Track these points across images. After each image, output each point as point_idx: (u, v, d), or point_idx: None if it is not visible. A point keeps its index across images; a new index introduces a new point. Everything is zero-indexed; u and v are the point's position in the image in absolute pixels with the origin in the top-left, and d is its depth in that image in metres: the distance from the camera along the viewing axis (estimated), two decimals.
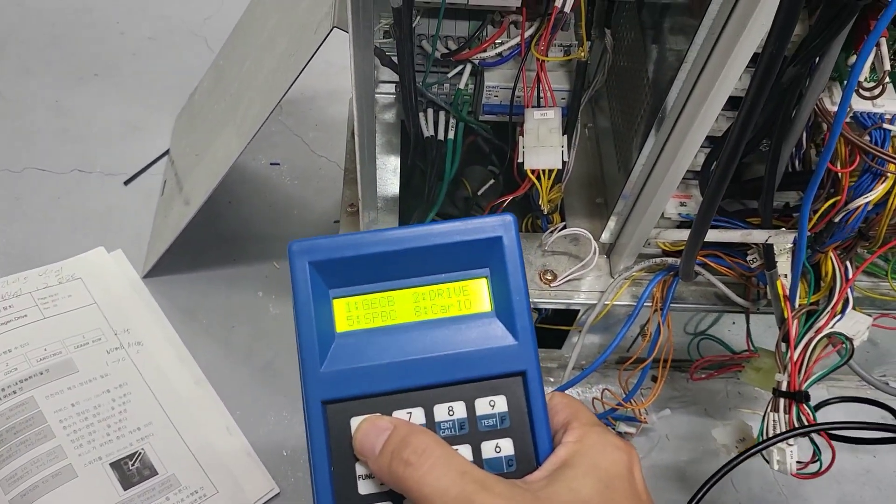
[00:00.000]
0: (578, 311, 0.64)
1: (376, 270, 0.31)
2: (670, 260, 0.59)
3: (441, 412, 0.31)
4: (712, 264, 0.58)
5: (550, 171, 0.59)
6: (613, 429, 0.68)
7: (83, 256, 0.77)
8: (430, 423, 0.31)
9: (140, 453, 0.65)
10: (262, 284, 0.78)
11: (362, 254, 0.31)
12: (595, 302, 0.62)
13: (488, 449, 0.31)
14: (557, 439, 0.31)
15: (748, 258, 0.56)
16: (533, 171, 0.58)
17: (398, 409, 0.31)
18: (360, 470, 0.30)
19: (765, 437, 0.53)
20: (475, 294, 0.32)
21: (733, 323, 0.65)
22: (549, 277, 0.63)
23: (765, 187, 0.49)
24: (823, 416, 0.57)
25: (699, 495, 0.53)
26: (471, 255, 0.32)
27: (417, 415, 0.31)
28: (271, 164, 0.86)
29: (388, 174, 0.67)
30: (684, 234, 0.57)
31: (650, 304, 0.61)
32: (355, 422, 0.30)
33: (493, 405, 0.31)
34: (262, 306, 0.76)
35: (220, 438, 0.68)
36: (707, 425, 0.72)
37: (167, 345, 0.73)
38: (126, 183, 0.84)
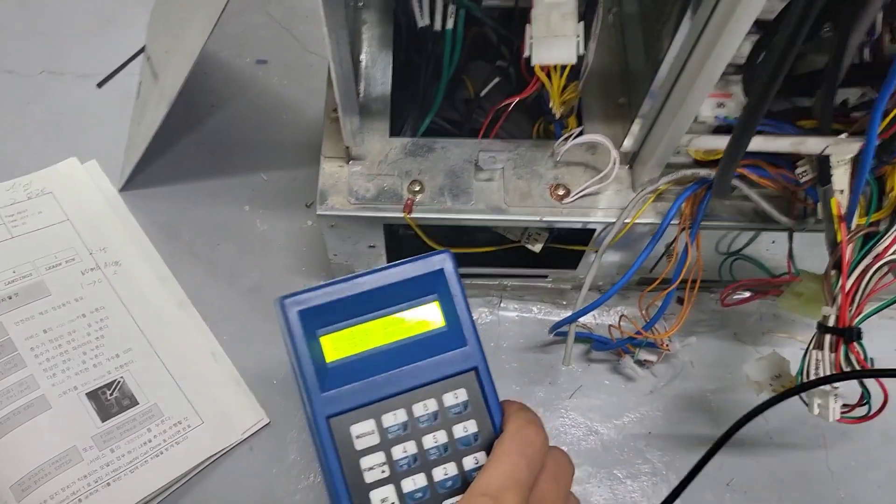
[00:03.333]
0: (594, 230, 0.56)
1: (351, 310, 0.39)
2: (703, 172, 0.50)
3: (419, 409, 0.39)
4: (752, 176, 0.50)
5: (563, 66, 0.50)
6: (632, 357, 0.62)
7: (54, 168, 0.71)
8: (412, 419, 0.39)
9: (119, 382, 0.61)
10: (248, 198, 0.71)
11: (337, 299, 0.39)
12: (614, 220, 0.54)
13: (458, 430, 0.40)
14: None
15: (797, 171, 0.47)
16: (542, 68, 0.49)
17: (385, 412, 0.39)
18: (363, 464, 0.38)
19: (805, 378, 0.46)
20: (429, 315, 0.41)
21: (773, 242, 0.57)
22: (561, 193, 0.55)
23: (825, 83, 0.40)
24: (874, 348, 0.50)
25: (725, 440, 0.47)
26: (422, 286, 0.40)
27: (401, 415, 0.39)
28: (258, 61, 0.78)
29: (377, 73, 0.58)
30: (721, 142, 0.49)
31: (677, 221, 0.54)
32: (355, 428, 0.38)
33: (456, 397, 0.40)
34: (248, 222, 0.70)
35: (205, 365, 0.63)
36: (737, 352, 0.65)
37: (147, 264, 0.67)
38: (100, 85, 0.77)
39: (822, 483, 0.61)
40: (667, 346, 0.60)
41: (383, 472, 0.39)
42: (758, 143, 0.43)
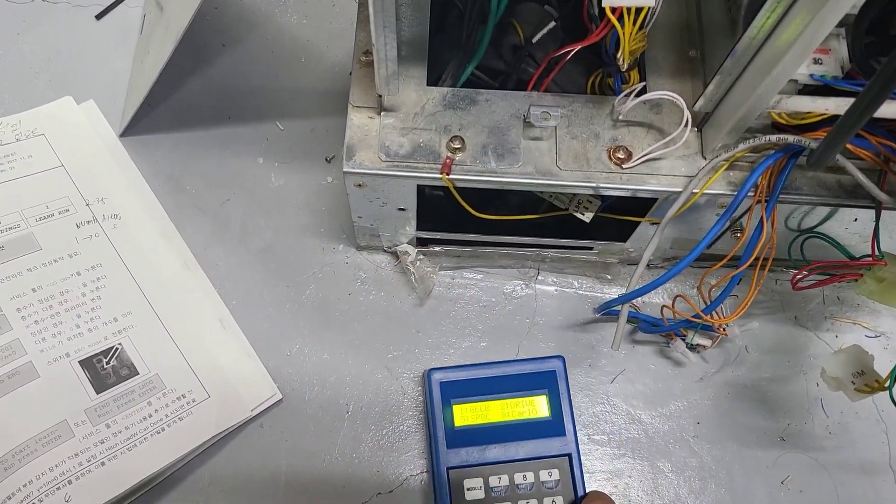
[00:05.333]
0: (655, 199, 0.50)
1: (479, 388, 0.53)
2: (792, 138, 0.44)
3: (519, 478, 0.51)
4: (849, 146, 0.43)
5: (638, 10, 0.43)
6: (684, 340, 0.56)
7: (47, 108, 0.64)
8: (513, 485, 0.51)
9: (117, 349, 0.55)
10: (262, 149, 0.64)
11: (470, 378, 0.53)
12: (679, 189, 0.48)
13: (547, 502, 0.51)
14: None
15: None
16: (614, 10, 0.42)
17: (492, 475, 0.51)
18: None
19: None
20: (539, 406, 0.53)
21: (854, 220, 0.51)
22: (622, 156, 0.48)
23: None
24: None
25: None
26: (537, 381, 0.54)
27: (504, 479, 0.51)
28: None
29: (414, 12, 0.51)
30: (818, 104, 0.42)
31: (752, 193, 0.47)
32: (467, 482, 0.51)
33: (550, 475, 0.52)
34: (262, 175, 0.63)
35: (212, 333, 0.57)
36: (797, 337, 0.60)
37: (149, 219, 0.61)
38: (99, 17, 0.69)
39: (884, 483, 0.56)
40: (724, 330, 0.54)
41: None
42: (882, 109, 0.36)
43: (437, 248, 0.60)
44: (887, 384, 0.43)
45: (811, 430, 0.57)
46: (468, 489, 0.51)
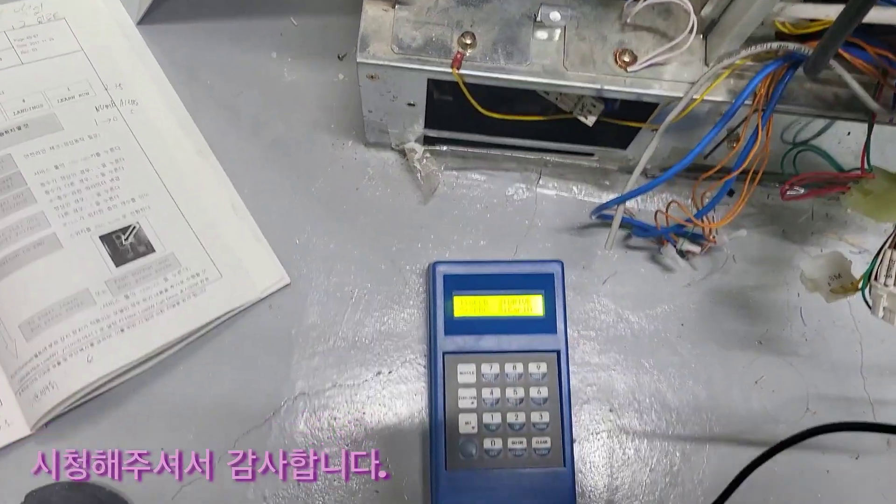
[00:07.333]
0: (656, 104, 0.52)
1: (480, 284, 0.56)
2: (792, 46, 0.45)
3: (508, 367, 0.55)
4: (847, 56, 0.45)
5: None
6: (674, 246, 0.59)
7: None
8: (502, 374, 0.55)
9: (135, 227, 0.58)
10: (276, 43, 0.65)
11: (473, 274, 0.56)
12: (680, 95, 0.50)
13: (533, 392, 0.55)
14: None
15: None
16: None
17: (484, 362, 0.55)
18: (460, 394, 0.54)
19: (875, 278, 0.43)
20: (534, 304, 0.56)
21: (848, 133, 0.53)
22: (627, 59, 0.50)
23: None
24: None
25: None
26: (535, 281, 0.57)
27: (495, 367, 0.55)
28: None
29: None
30: (821, 11, 0.43)
31: (750, 102, 0.49)
32: (460, 367, 0.55)
33: (538, 367, 0.55)
34: (275, 70, 0.64)
35: (225, 218, 0.60)
36: (783, 249, 0.62)
37: (165, 106, 0.63)
38: None
39: (854, 387, 0.60)
40: (713, 237, 0.57)
41: (472, 403, 0.54)
42: (872, 14, 0.38)
43: (444, 148, 0.62)
44: (860, 285, 0.45)
45: (788, 336, 0.60)
46: (461, 373, 0.55)
